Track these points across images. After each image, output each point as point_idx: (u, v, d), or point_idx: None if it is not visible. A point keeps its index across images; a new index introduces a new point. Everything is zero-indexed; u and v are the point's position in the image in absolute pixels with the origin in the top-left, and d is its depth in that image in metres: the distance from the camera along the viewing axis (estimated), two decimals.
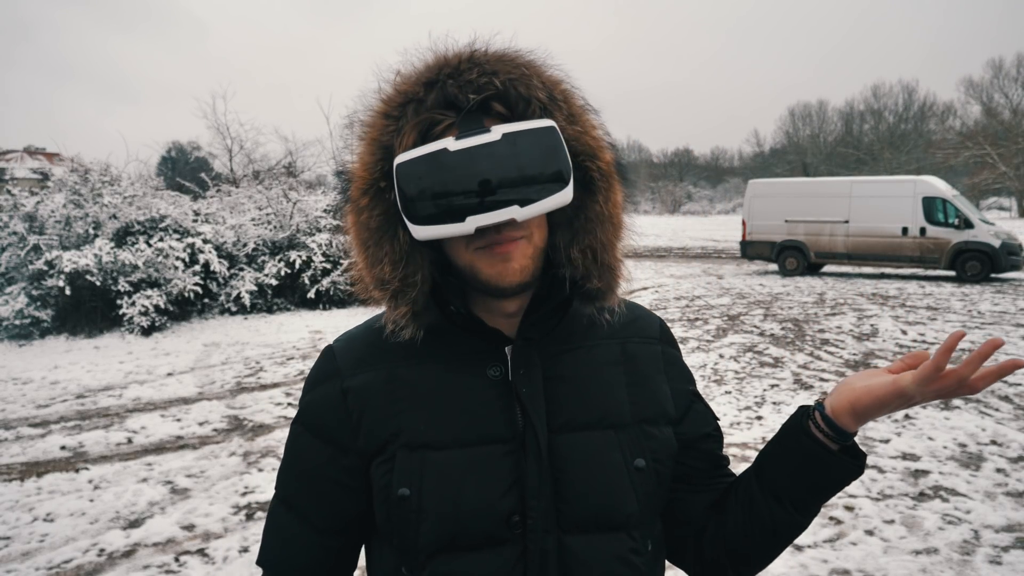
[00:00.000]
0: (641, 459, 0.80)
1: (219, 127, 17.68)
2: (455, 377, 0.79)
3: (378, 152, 0.75)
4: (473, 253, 0.74)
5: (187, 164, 31.23)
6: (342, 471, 0.81)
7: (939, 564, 3.08)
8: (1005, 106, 48.99)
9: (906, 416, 5.19)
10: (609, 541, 0.78)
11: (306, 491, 0.83)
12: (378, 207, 0.75)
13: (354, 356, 0.83)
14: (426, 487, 0.76)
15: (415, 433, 0.77)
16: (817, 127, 65.40)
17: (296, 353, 8.10)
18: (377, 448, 0.79)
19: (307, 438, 0.83)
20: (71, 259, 9.17)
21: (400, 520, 0.77)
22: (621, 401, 0.81)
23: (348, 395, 0.80)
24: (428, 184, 0.69)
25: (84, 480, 4.25)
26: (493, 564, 0.75)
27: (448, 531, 0.75)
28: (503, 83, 0.72)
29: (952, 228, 14.08)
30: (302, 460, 0.84)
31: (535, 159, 0.70)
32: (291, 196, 12.51)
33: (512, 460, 0.76)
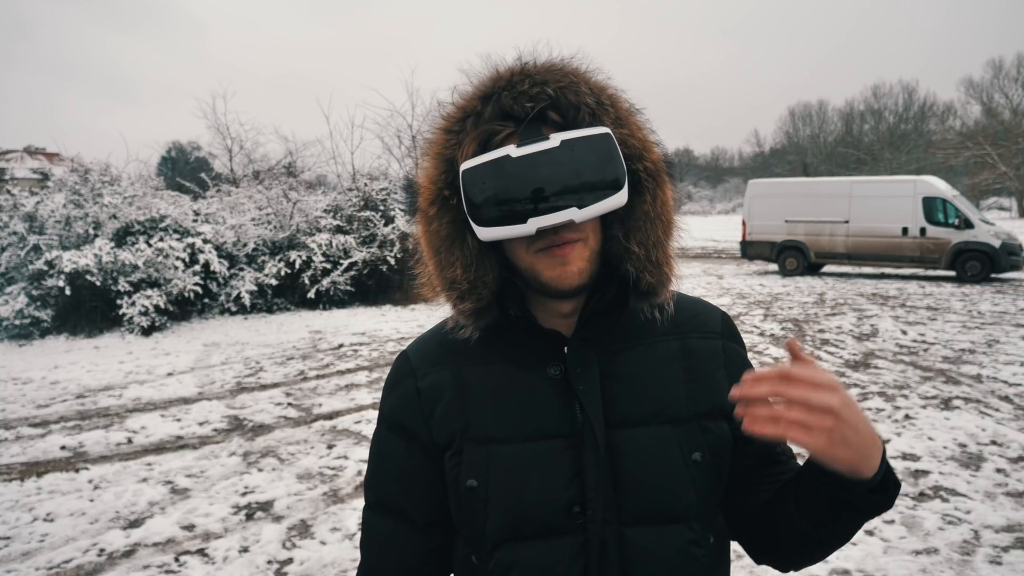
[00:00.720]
0: (698, 453, 0.82)
1: (219, 127, 17.66)
2: (517, 376, 0.84)
3: (442, 165, 0.80)
4: (533, 256, 0.78)
5: (187, 164, 31.24)
6: (428, 463, 0.86)
7: (939, 564, 3.08)
8: (1005, 106, 48.97)
9: (906, 416, 5.19)
10: (668, 533, 0.80)
11: (401, 489, 0.88)
12: (446, 215, 0.81)
13: (425, 357, 0.89)
14: (492, 479, 0.81)
15: (481, 428, 0.82)
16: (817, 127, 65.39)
17: (296, 353, 8.10)
18: (447, 442, 0.84)
19: (393, 439, 0.89)
20: (71, 259, 9.17)
21: (469, 510, 0.82)
22: (679, 396, 0.84)
23: (421, 394, 0.86)
24: (492, 188, 0.74)
25: (84, 480, 4.25)
26: (556, 553, 0.79)
27: (513, 521, 0.80)
28: (555, 91, 0.77)
29: (952, 228, 14.07)
30: (391, 460, 0.89)
31: (592, 164, 0.74)
32: (291, 196, 12.51)
33: (572, 454, 0.80)
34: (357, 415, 5.50)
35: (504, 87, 0.78)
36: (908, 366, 6.79)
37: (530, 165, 0.73)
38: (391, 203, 12.98)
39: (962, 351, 7.41)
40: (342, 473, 4.30)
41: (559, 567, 0.79)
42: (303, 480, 4.20)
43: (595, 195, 0.74)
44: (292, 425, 5.30)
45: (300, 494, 3.99)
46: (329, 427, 5.21)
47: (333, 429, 5.16)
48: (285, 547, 3.38)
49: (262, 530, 3.54)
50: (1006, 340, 7.96)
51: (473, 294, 0.81)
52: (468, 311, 0.82)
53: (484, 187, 0.74)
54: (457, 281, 0.81)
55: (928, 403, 5.51)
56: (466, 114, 0.80)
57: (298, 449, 4.74)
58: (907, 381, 6.20)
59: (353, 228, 12.57)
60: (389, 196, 13.06)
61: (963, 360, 6.99)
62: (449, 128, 0.81)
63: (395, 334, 9.27)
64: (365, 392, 6.23)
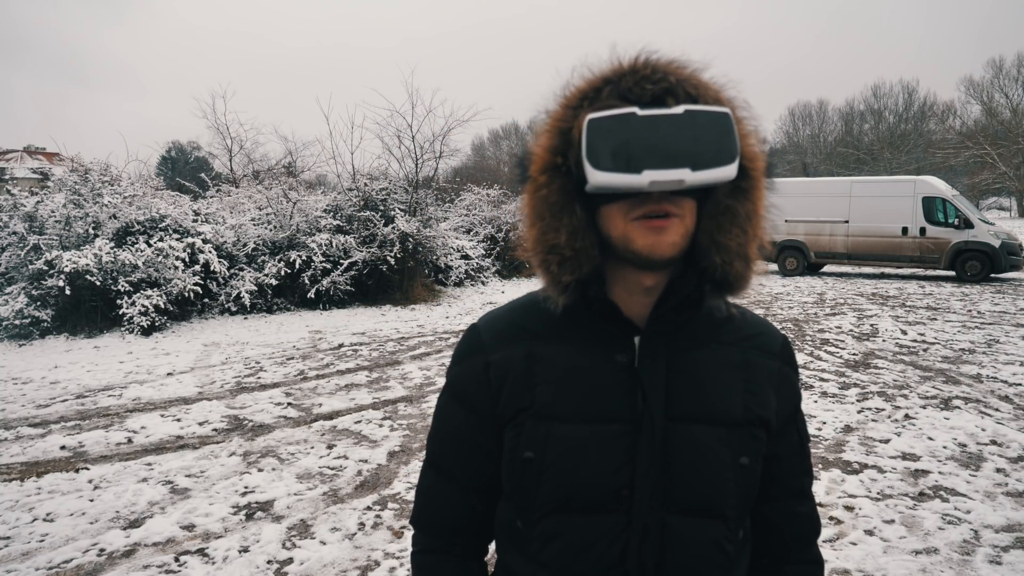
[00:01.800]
0: (746, 457, 0.87)
1: (219, 127, 17.67)
2: (586, 358, 0.87)
3: (557, 137, 0.83)
4: (630, 223, 0.80)
5: (187, 164, 31.23)
6: (482, 435, 0.92)
7: (939, 564, 3.08)
8: (1005, 106, 48.94)
9: (906, 416, 5.19)
10: (708, 526, 0.85)
11: (452, 453, 0.95)
12: (556, 182, 0.83)
13: (496, 333, 0.93)
14: (549, 452, 0.85)
15: (545, 405, 0.86)
16: (817, 127, 65.34)
17: (296, 353, 8.10)
18: (511, 415, 0.88)
19: (454, 406, 0.95)
20: (71, 259, 9.17)
21: (522, 479, 0.87)
22: (736, 402, 0.87)
23: (491, 368, 0.90)
24: (614, 138, 0.76)
25: (84, 480, 4.25)
26: (599, 529, 0.84)
27: (563, 494, 0.84)
28: (675, 81, 0.80)
29: (952, 228, 14.08)
30: (449, 425, 0.96)
31: (710, 136, 0.76)
32: (291, 196, 12.51)
33: (628, 440, 0.84)
34: (357, 415, 5.50)
35: (627, 73, 0.81)
36: (908, 366, 6.79)
37: (653, 125, 0.75)
38: (391, 203, 12.98)
39: (962, 351, 7.41)
40: (342, 473, 4.30)
41: (601, 543, 0.83)
42: (303, 480, 4.20)
43: (708, 164, 0.76)
44: (292, 425, 5.30)
45: (300, 494, 3.99)
46: (329, 427, 5.21)
47: (333, 429, 5.16)
48: (285, 547, 3.38)
49: (262, 530, 3.54)
50: (1006, 340, 7.96)
51: (574, 262, 0.83)
52: (564, 282, 0.84)
53: (607, 136, 0.76)
54: (560, 246, 0.83)
55: (928, 403, 5.51)
56: (585, 95, 0.83)
57: (298, 449, 4.74)
58: (907, 381, 6.20)
59: (353, 228, 12.57)
60: (389, 196, 13.06)
61: (963, 360, 6.99)
62: (568, 104, 0.84)
63: (395, 334, 9.28)
64: (365, 392, 6.23)
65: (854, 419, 5.16)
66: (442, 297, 13.31)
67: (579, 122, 0.80)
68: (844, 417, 5.21)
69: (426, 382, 6.53)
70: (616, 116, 0.76)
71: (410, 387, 6.37)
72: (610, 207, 0.81)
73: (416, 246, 12.62)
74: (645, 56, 0.83)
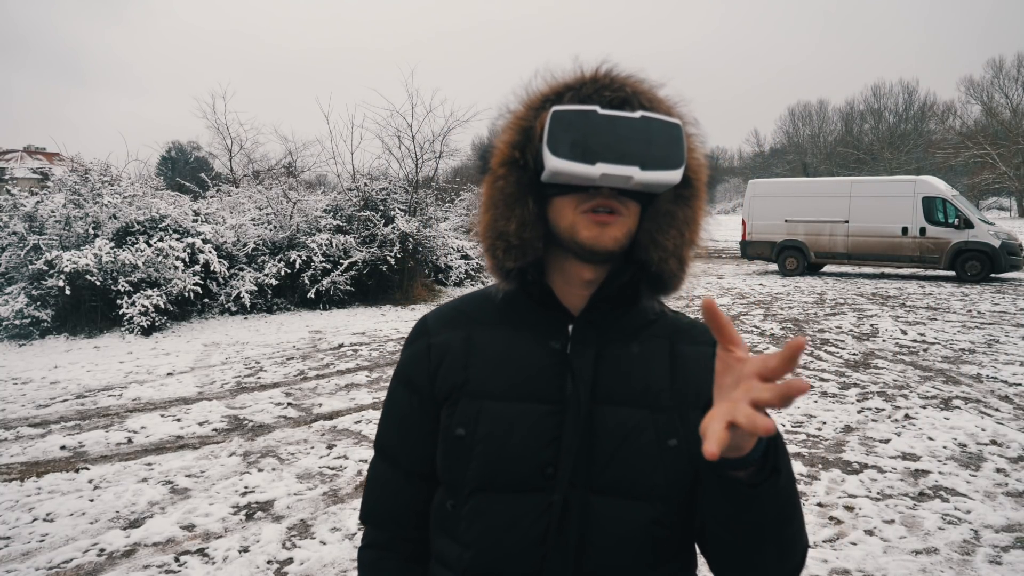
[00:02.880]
0: (675, 439, 0.88)
1: (219, 127, 17.67)
2: (521, 343, 0.92)
3: (518, 134, 0.88)
4: (578, 215, 0.85)
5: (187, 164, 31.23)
6: (424, 416, 0.95)
7: (939, 564, 3.08)
8: (1005, 106, 48.95)
9: (906, 416, 5.19)
10: (632, 507, 0.86)
11: (397, 436, 0.99)
12: (513, 175, 0.88)
13: (441, 320, 0.99)
14: (479, 430, 0.88)
15: (478, 384, 0.91)
16: (817, 127, 65.37)
17: (296, 353, 8.10)
18: (446, 394, 0.92)
19: (400, 389, 0.99)
20: (71, 259, 9.17)
21: (454, 458, 0.90)
22: (663, 388, 0.90)
23: (432, 349, 0.95)
24: (574, 130, 0.81)
25: (84, 480, 4.25)
26: (523, 507, 0.86)
27: (491, 471, 0.87)
28: (632, 93, 0.86)
29: (952, 228, 14.08)
30: (394, 408, 0.99)
31: (662, 142, 0.82)
32: (291, 196, 12.50)
33: (555, 420, 0.87)
34: (357, 415, 5.50)
35: (588, 81, 0.87)
36: (908, 366, 6.79)
37: (611, 124, 0.81)
38: (391, 203, 12.97)
39: (962, 351, 7.41)
40: (342, 473, 4.30)
41: (524, 521, 0.86)
42: (303, 480, 4.20)
43: (657, 166, 0.81)
44: (292, 425, 5.30)
45: (300, 494, 3.99)
46: (329, 427, 5.21)
47: (333, 429, 5.16)
48: (285, 547, 3.38)
49: (262, 530, 3.54)
50: (1006, 340, 7.96)
51: (519, 250, 0.88)
52: (507, 267, 0.89)
53: (568, 127, 0.81)
54: (508, 234, 0.87)
55: (928, 403, 5.51)
56: (547, 98, 0.88)
57: (298, 449, 4.74)
58: (907, 381, 6.20)
59: (353, 228, 12.57)
60: (389, 196, 13.05)
61: (963, 360, 6.99)
62: (531, 105, 0.89)
63: (395, 334, 9.27)
64: (365, 392, 6.23)
65: (854, 419, 5.16)
66: (442, 297, 13.31)
67: (540, 120, 0.85)
68: (844, 417, 5.21)
69: None
70: (578, 111, 0.81)
71: None
72: (563, 199, 0.86)
73: (416, 246, 12.62)
74: (606, 68, 0.88)
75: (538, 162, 0.84)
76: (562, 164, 0.81)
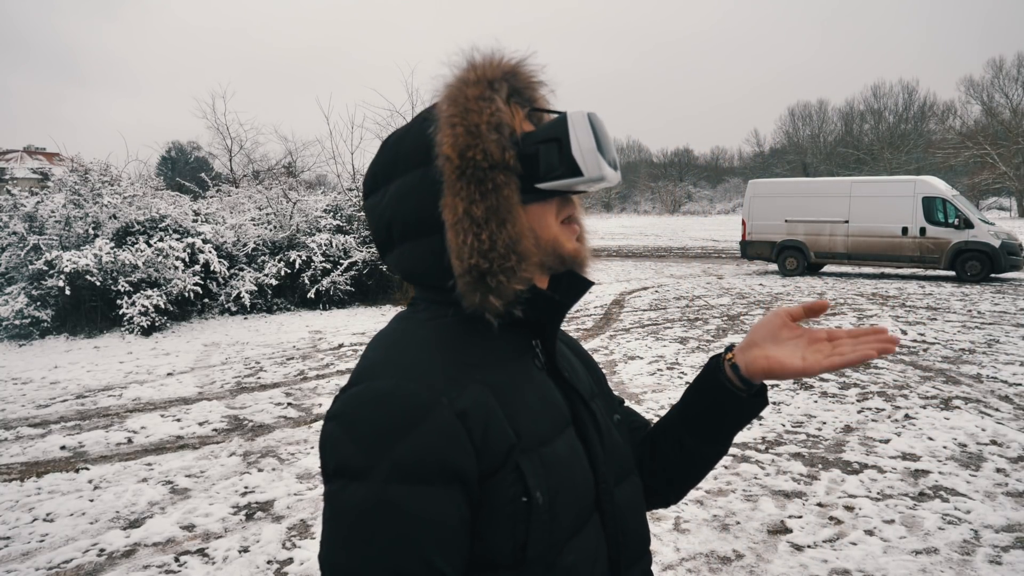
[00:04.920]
0: (616, 415, 0.94)
1: (219, 127, 17.68)
2: (526, 371, 0.81)
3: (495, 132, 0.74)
4: (559, 226, 0.81)
5: (187, 164, 31.23)
6: (470, 508, 0.70)
7: (939, 564, 3.08)
8: (1005, 106, 48.96)
9: (906, 416, 5.19)
10: (634, 483, 0.91)
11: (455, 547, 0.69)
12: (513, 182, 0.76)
13: (448, 379, 0.72)
14: (551, 483, 0.74)
15: (530, 434, 0.75)
16: (817, 127, 65.39)
17: (296, 353, 8.10)
18: (501, 462, 0.71)
19: (428, 492, 0.67)
20: (71, 259, 9.17)
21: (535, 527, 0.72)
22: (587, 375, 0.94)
23: (467, 417, 0.70)
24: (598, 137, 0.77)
25: (84, 480, 4.25)
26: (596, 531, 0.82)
27: (575, 517, 0.77)
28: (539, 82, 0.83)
29: (952, 228, 14.08)
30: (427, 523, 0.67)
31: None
32: (291, 196, 12.51)
33: (575, 435, 0.84)
34: None
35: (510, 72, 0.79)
36: (908, 366, 6.79)
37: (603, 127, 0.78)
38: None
39: (962, 351, 7.41)
40: None
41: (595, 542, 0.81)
42: (303, 480, 4.20)
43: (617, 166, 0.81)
44: (292, 425, 5.30)
45: (300, 494, 3.99)
46: None
47: None
48: (285, 547, 3.38)
49: (262, 530, 3.54)
50: (1006, 340, 7.96)
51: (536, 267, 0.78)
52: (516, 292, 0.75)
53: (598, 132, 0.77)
54: (529, 252, 0.75)
55: (928, 403, 5.51)
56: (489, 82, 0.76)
57: (298, 449, 4.74)
58: (907, 381, 6.20)
59: (353, 228, 12.57)
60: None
61: (963, 360, 6.99)
62: (481, 96, 0.75)
63: None
64: None
65: (854, 419, 5.16)
66: None
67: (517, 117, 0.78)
68: (844, 417, 5.21)
69: None
70: (590, 114, 0.77)
71: None
72: (544, 206, 0.78)
73: None
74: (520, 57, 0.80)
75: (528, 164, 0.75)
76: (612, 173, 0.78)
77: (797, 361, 0.85)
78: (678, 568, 3.10)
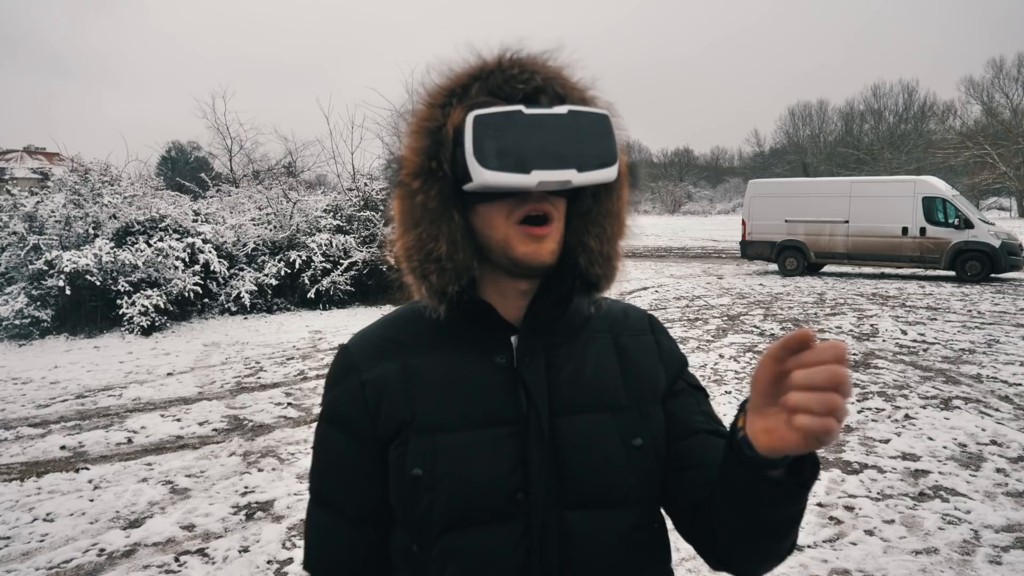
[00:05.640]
0: (639, 438, 0.84)
1: (218, 127, 17.69)
2: (464, 364, 0.84)
3: (427, 138, 0.80)
4: (511, 227, 0.79)
5: (187, 164, 31.24)
6: (367, 459, 0.85)
7: (939, 564, 3.08)
8: (1005, 106, 48.97)
9: (906, 416, 5.19)
10: (609, 517, 0.82)
11: (337, 484, 0.88)
12: (433, 187, 0.79)
13: (369, 351, 0.88)
14: (438, 467, 0.80)
15: (427, 417, 0.82)
16: (817, 127, 65.41)
17: (296, 353, 8.10)
18: (393, 433, 0.83)
19: (332, 433, 0.88)
20: (71, 259, 9.17)
21: (413, 500, 0.81)
22: (617, 387, 0.86)
23: (365, 387, 0.85)
24: (502, 136, 0.74)
25: (84, 480, 4.25)
26: (499, 538, 0.80)
27: (457, 508, 0.80)
28: (543, 81, 0.80)
29: (952, 228, 14.08)
30: (330, 454, 0.89)
31: (593, 138, 0.77)
32: (291, 196, 12.51)
33: (517, 441, 0.81)
34: None
35: (493, 71, 0.80)
36: (908, 366, 6.79)
37: (539, 125, 0.75)
38: (391, 203, 12.98)
39: (962, 351, 7.41)
40: None
41: (502, 552, 0.80)
42: (303, 480, 4.20)
43: (592, 165, 0.76)
44: (292, 425, 5.30)
45: (300, 494, 3.99)
46: None
47: None
48: (285, 547, 3.38)
49: (262, 530, 3.54)
50: (1006, 340, 7.96)
51: (453, 273, 0.80)
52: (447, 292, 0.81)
53: (494, 134, 0.74)
54: (441, 258, 0.80)
55: (928, 403, 5.51)
56: (452, 92, 0.80)
57: (298, 449, 4.74)
58: (907, 381, 6.20)
59: (353, 228, 12.58)
60: (389, 196, 13.04)
61: (963, 360, 6.99)
62: (434, 103, 0.81)
63: None
64: None
65: (854, 419, 5.16)
66: None
67: (452, 120, 0.78)
68: None
69: None
70: (503, 113, 0.74)
71: None
72: (489, 207, 0.79)
73: None
74: (510, 53, 0.81)
75: (457, 169, 0.77)
76: (495, 177, 0.74)
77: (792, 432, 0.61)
78: (678, 568, 3.10)
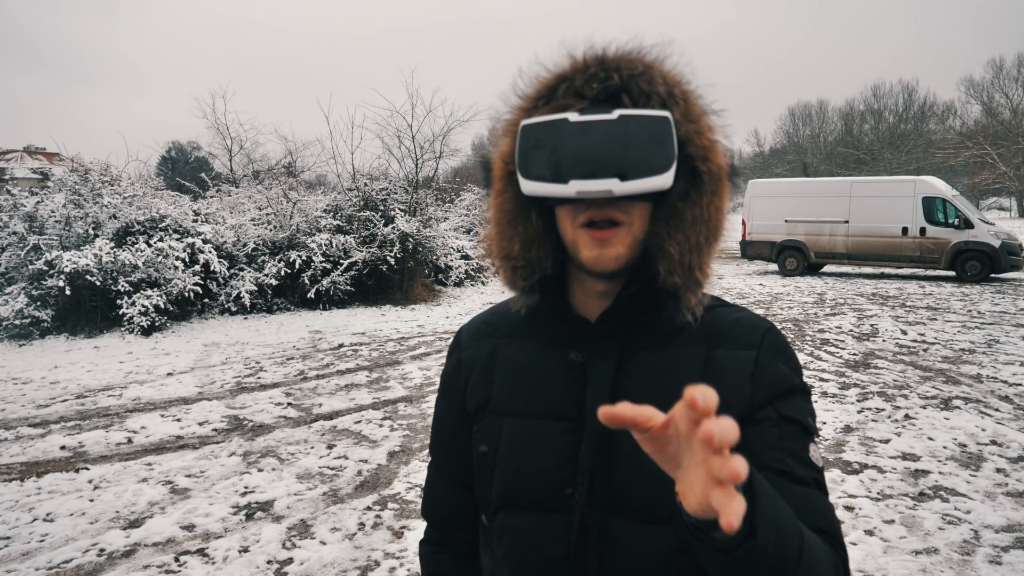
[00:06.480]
0: None
1: (219, 127, 17.68)
2: (540, 356, 0.88)
3: (510, 143, 0.83)
4: (577, 229, 0.79)
5: (187, 164, 31.23)
6: (462, 429, 0.95)
7: (939, 564, 3.08)
8: (1005, 106, 48.93)
9: (906, 416, 5.19)
10: (652, 533, 0.78)
11: (439, 447, 1.00)
12: (511, 190, 0.83)
13: (472, 332, 0.98)
14: (501, 448, 0.87)
15: (499, 400, 0.89)
16: (817, 127, 65.34)
17: (296, 353, 8.10)
18: (475, 410, 0.92)
19: (440, 402, 1.00)
20: (71, 259, 9.17)
21: (481, 474, 0.90)
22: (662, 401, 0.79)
23: (461, 365, 0.96)
24: (543, 145, 0.76)
25: (84, 480, 4.25)
26: (544, 527, 0.83)
27: (511, 490, 0.86)
28: (625, 78, 0.78)
29: (952, 228, 14.08)
30: (437, 420, 1.00)
31: (643, 143, 0.74)
32: (291, 196, 12.51)
33: (573, 437, 0.83)
34: (357, 415, 5.50)
35: (579, 70, 0.80)
36: (908, 366, 6.79)
37: (584, 132, 0.74)
38: (391, 203, 12.98)
39: (962, 351, 7.41)
40: (342, 473, 4.30)
41: (545, 540, 0.83)
42: (303, 480, 4.20)
43: (639, 173, 0.73)
44: (292, 425, 5.30)
45: (300, 494, 3.99)
46: (329, 427, 5.21)
47: (333, 429, 5.16)
48: (285, 547, 3.38)
49: (262, 530, 3.54)
50: (1006, 340, 7.96)
51: (526, 271, 0.84)
52: (520, 287, 0.86)
53: (536, 143, 0.76)
54: (513, 256, 0.84)
55: (928, 403, 5.51)
56: (541, 95, 0.81)
57: (298, 449, 4.74)
58: (907, 381, 6.20)
59: (353, 228, 12.57)
60: (389, 196, 13.06)
61: (963, 360, 6.99)
62: (524, 107, 0.83)
63: (395, 334, 9.27)
64: (365, 392, 6.23)
65: (854, 419, 5.16)
66: (442, 297, 13.31)
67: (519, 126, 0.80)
68: (844, 417, 5.21)
69: (426, 382, 6.53)
70: (547, 123, 0.75)
71: (410, 387, 6.36)
72: (561, 209, 0.81)
73: (416, 246, 12.62)
74: (594, 51, 0.80)
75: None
76: (534, 186, 0.76)
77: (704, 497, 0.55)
78: None
